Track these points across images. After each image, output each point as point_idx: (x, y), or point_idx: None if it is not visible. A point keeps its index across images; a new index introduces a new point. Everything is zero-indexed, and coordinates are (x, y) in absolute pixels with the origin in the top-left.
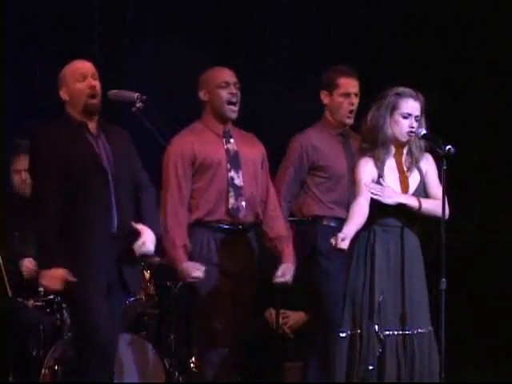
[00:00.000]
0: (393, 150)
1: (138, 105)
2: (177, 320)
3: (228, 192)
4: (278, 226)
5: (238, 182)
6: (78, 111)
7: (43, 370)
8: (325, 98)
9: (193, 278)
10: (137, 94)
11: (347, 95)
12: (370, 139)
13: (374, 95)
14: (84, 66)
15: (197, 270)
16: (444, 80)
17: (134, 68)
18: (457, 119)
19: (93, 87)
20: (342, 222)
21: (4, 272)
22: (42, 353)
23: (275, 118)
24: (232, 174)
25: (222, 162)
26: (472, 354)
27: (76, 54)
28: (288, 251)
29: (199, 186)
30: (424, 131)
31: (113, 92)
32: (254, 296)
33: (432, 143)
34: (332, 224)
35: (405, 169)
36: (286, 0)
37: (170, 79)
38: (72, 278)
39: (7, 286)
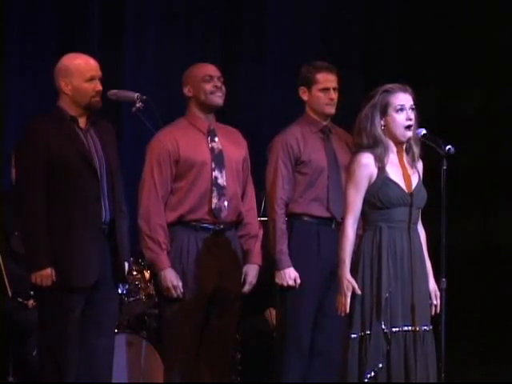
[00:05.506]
0: (393, 147)
1: (137, 105)
2: None
3: (211, 192)
4: (248, 225)
5: (222, 181)
6: (76, 107)
7: None
8: (303, 94)
9: (171, 286)
10: (137, 93)
11: (326, 90)
12: (366, 141)
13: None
14: (93, 68)
15: (176, 280)
16: (443, 79)
17: (134, 68)
18: (456, 118)
19: (99, 92)
20: (319, 219)
21: (4, 272)
22: None
23: (275, 118)
24: (216, 173)
25: (206, 161)
26: (472, 354)
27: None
28: (255, 251)
29: (182, 184)
30: (424, 131)
31: (113, 92)
32: (239, 295)
33: (432, 143)
34: (309, 221)
35: (407, 166)
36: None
37: (170, 79)
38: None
39: (7, 286)
